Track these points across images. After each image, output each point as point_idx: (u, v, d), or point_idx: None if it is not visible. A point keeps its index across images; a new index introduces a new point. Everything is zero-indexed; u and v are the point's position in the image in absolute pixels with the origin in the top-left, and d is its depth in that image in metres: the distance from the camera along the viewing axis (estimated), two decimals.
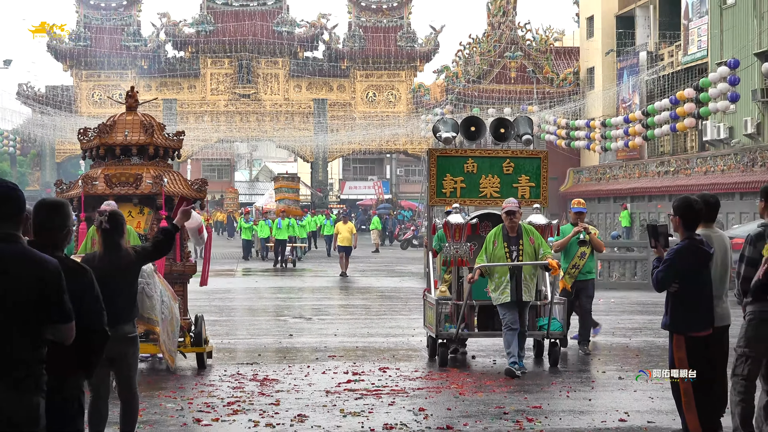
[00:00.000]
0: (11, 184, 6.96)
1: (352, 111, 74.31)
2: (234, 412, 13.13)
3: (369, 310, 27.82)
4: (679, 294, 10.58)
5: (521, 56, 73.82)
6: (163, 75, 72.76)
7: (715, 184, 46.32)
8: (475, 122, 18.60)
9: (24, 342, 6.70)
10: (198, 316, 16.16)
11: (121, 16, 73.37)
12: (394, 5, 74.78)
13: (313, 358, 18.14)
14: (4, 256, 6.65)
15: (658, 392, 14.40)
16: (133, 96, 16.58)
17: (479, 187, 17.40)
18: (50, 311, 6.74)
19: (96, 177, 15.81)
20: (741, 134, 48.20)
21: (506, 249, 15.44)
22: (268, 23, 73.24)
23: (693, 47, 56.51)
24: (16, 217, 6.78)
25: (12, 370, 6.63)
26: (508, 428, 12.14)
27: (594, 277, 18.38)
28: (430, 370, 16.55)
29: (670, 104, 42.26)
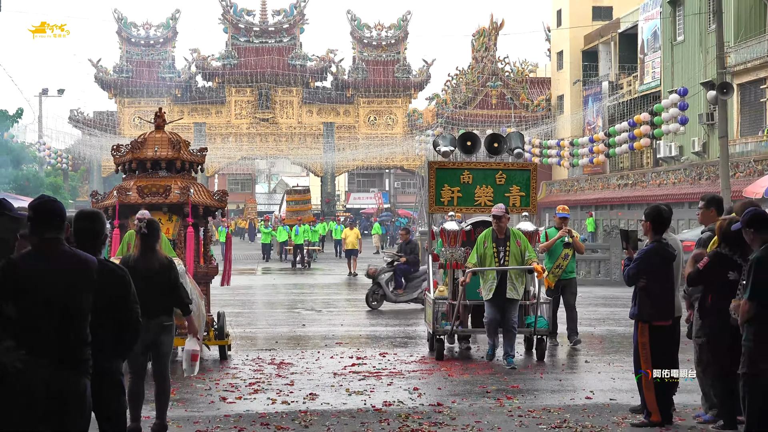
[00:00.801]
0: (53, 198, 7.04)
1: (356, 132, 74.28)
2: (255, 392, 13.13)
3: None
4: (646, 288, 10.69)
5: (501, 85, 73.85)
6: (194, 102, 72.73)
7: (667, 195, 46.28)
8: (471, 137, 18.24)
9: (79, 328, 6.73)
10: (220, 313, 15.95)
11: (158, 52, 73.30)
12: (392, 42, 74.72)
13: (322, 345, 18.14)
14: (61, 256, 6.70)
15: (619, 374, 14.38)
16: (161, 116, 16.52)
17: (474, 197, 17.02)
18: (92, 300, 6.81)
19: (129, 188, 15.73)
20: (689, 152, 48.22)
21: (494, 249, 15.11)
22: (284, 57, 73.22)
23: (648, 78, 56.51)
24: (59, 225, 6.83)
25: (70, 354, 6.67)
26: (490, 405, 12.12)
27: (575, 276, 17.96)
28: (423, 356, 16.53)
29: (628, 126, 42.19)
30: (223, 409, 12.06)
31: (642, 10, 57.48)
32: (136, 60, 72.80)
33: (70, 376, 6.70)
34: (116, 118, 72.58)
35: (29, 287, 6.60)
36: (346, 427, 10.80)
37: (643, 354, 10.78)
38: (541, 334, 15.82)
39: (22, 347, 6.56)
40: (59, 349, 6.65)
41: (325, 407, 12.04)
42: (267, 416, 11.42)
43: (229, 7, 73.58)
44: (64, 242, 6.87)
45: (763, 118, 44.25)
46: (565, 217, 17.80)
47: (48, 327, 6.62)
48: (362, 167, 78.20)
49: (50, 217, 6.82)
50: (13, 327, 6.58)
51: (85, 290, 6.76)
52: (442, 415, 11.42)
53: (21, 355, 6.53)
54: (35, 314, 6.60)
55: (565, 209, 18.12)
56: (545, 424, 10.88)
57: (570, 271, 17.60)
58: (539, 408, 11.83)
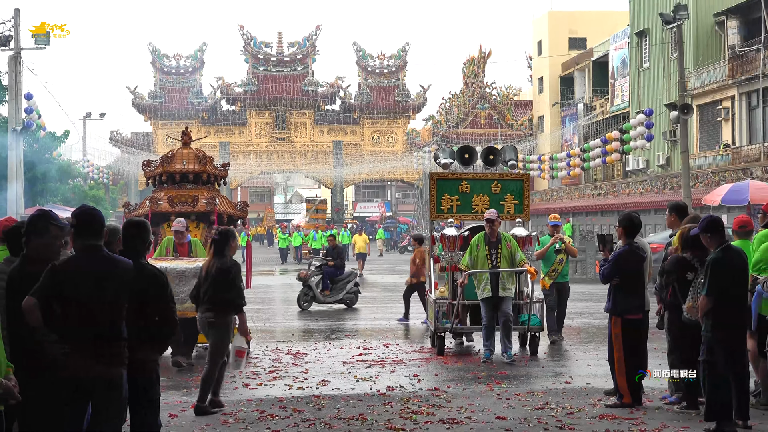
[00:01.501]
0: (93, 208, 7.05)
1: (362, 150, 74.28)
2: (273, 379, 13.11)
3: (375, 300, 27.73)
4: (619, 286, 10.75)
5: (489, 107, 73.88)
6: (219, 124, 72.76)
7: (636, 203, 46.23)
8: (469, 150, 17.67)
9: (115, 325, 6.73)
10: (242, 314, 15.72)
11: (187, 80, 73.35)
12: (393, 70, 74.75)
13: (333, 337, 18.12)
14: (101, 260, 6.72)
15: (594, 361, 14.34)
16: (188, 134, 16.53)
17: (472, 205, 16.46)
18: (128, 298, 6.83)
19: (160, 198, 15.65)
20: (655, 165, 48.20)
21: (487, 252, 14.63)
22: (298, 84, 73.26)
23: (618, 100, 56.54)
24: (99, 232, 6.85)
25: (108, 348, 6.66)
26: (481, 389, 12.09)
27: (569, 279, 17.23)
28: (422, 346, 16.49)
29: (601, 143, 42.11)
30: (246, 394, 12.04)
31: (612, 40, 57.57)
32: (168, 87, 72.87)
33: (108, 367, 6.69)
34: (151, 139, 72.65)
35: (72, 288, 6.59)
36: (354, 409, 10.77)
37: (616, 344, 10.82)
38: (535, 331, 15.32)
39: (65, 342, 6.55)
40: (98, 344, 6.64)
41: (335, 392, 12.02)
42: (284, 400, 11.40)
43: (249, 39, 73.68)
44: (103, 247, 6.87)
45: (719, 134, 44.31)
46: (556, 225, 17.28)
47: (88, 323, 6.61)
48: (367, 180, 78.23)
49: (91, 224, 6.81)
50: (57, 323, 6.58)
51: (121, 290, 6.75)
52: (439, 399, 11.40)
53: (64, 348, 6.53)
54: (77, 312, 6.59)
55: (557, 217, 17.65)
56: (530, 405, 10.86)
57: (565, 274, 17.01)
58: (524, 392, 11.81)
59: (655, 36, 48.98)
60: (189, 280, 13.17)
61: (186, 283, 13.25)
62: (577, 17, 69.90)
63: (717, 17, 44.75)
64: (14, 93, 35.20)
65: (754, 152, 39.77)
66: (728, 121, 43.48)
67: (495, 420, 10.06)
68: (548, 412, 10.48)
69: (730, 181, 35.31)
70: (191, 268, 13.38)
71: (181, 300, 12.93)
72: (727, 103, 43.42)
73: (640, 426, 9.73)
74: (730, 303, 9.38)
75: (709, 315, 9.40)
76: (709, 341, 9.43)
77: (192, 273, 13.21)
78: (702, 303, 9.40)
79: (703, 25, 45.40)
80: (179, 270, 13.50)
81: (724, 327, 9.38)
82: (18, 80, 35.14)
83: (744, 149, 40.91)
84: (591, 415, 10.31)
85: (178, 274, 13.42)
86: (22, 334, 6.62)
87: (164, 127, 71.38)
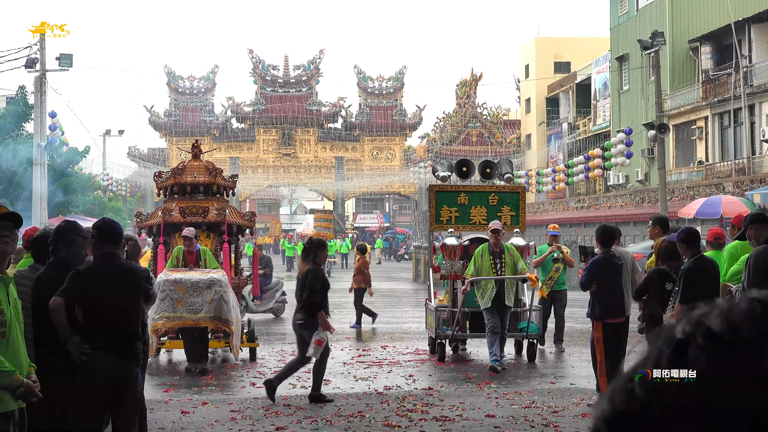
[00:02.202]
0: (113, 220, 7.11)
1: (362, 165, 74.30)
2: None
3: (374, 304, 27.68)
4: (598, 293, 10.72)
5: (480, 126, 73.88)
6: (229, 140, 72.74)
7: (616, 215, 46.22)
8: (467, 164, 17.25)
9: (132, 326, 6.77)
10: (250, 319, 15.38)
11: (200, 100, 73.33)
12: (391, 91, 74.77)
13: (334, 339, 18.05)
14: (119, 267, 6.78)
15: (577, 363, 14.33)
16: (198, 147, 16.25)
17: (470, 216, 15.96)
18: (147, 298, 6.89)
19: (172, 209, 15.25)
20: (634, 180, 48.23)
21: (492, 261, 13.98)
22: (303, 104, 73.28)
23: (600, 120, 56.57)
24: (117, 241, 6.90)
25: (130, 345, 6.70)
26: (472, 389, 12.08)
27: (566, 288, 16.51)
28: (417, 348, 16.45)
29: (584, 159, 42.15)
30: (253, 392, 12.02)
31: (594, 64, 57.63)
32: (183, 106, 72.88)
33: (127, 365, 6.71)
34: (166, 154, 72.61)
35: (92, 293, 6.63)
36: (354, 407, 10.76)
37: (597, 347, 10.79)
38: (532, 338, 14.75)
39: (87, 342, 6.57)
40: (117, 344, 6.67)
41: (336, 390, 12.00)
42: (288, 398, 11.38)
43: (258, 62, 73.73)
44: (120, 254, 6.91)
45: (693, 152, 44.38)
46: (555, 235, 16.68)
47: (107, 325, 6.64)
48: (367, 193, 78.31)
49: (110, 234, 6.87)
50: (79, 325, 6.60)
51: (136, 295, 6.79)
52: (433, 398, 11.38)
53: (86, 348, 6.55)
54: (97, 315, 6.63)
55: (556, 228, 17.14)
56: (517, 404, 10.84)
57: (561, 283, 16.33)
58: (512, 392, 11.79)
59: (634, 60, 49.05)
60: (202, 290, 13.02)
61: (200, 293, 12.99)
62: (562, 43, 70.02)
63: (691, 43, 44.85)
64: (39, 111, 35.24)
65: (726, 169, 39.85)
66: (702, 140, 43.54)
67: (485, 418, 10.04)
68: (534, 410, 10.46)
69: (704, 195, 35.35)
70: (205, 279, 13.15)
71: (195, 310, 12.86)
72: (701, 123, 43.50)
73: None
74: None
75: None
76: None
77: (205, 284, 13.07)
78: (676, 309, 9.37)
79: (678, 50, 45.51)
80: (193, 281, 13.14)
81: None
82: (43, 99, 35.17)
83: (717, 166, 41.00)
84: (574, 413, 10.29)
85: (192, 284, 13.09)
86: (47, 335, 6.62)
87: (179, 143, 71.31)
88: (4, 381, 5.16)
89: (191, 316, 12.87)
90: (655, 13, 47.11)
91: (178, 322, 12.95)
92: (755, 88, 38.32)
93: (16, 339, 5.43)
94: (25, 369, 5.44)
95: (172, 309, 12.90)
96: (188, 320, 12.94)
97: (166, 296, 12.75)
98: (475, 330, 14.93)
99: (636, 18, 49.24)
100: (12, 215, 5.58)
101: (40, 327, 6.67)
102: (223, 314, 12.87)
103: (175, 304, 12.89)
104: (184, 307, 12.91)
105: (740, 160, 39.15)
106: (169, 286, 12.87)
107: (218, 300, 12.92)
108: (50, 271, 6.82)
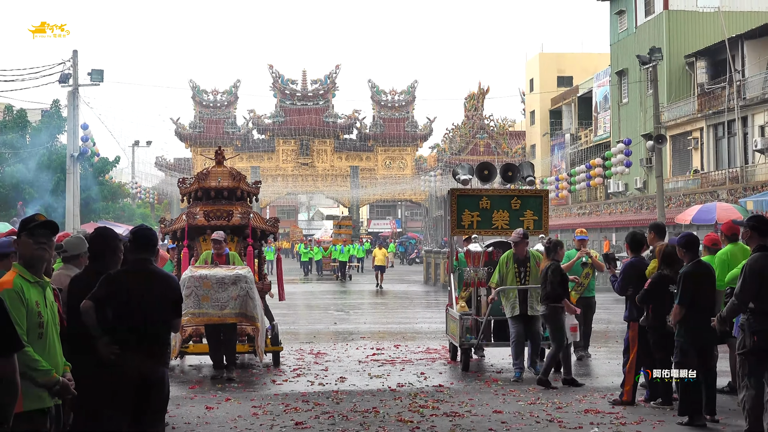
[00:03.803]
0: (149, 227, 7.09)
1: (375, 174, 74.38)
2: (297, 376, 13.08)
3: (387, 306, 27.72)
4: (633, 296, 10.44)
5: (487, 137, 73.89)
6: (251, 150, 72.87)
7: (616, 221, 46.19)
8: (488, 167, 15.96)
9: (161, 329, 6.76)
10: (274, 323, 14.40)
11: (223, 112, 73.52)
12: (403, 104, 74.86)
13: (350, 339, 18.07)
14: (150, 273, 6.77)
15: (580, 362, 14.23)
16: (221, 153, 15.53)
17: (492, 220, 14.60)
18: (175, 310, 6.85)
19: (196, 213, 14.51)
20: (633, 188, 48.10)
21: (516, 269, 13.03)
22: (320, 116, 73.42)
23: (601, 131, 56.45)
24: (152, 248, 6.89)
25: (161, 349, 6.70)
26: (480, 386, 12.06)
27: (594, 294, 15.14)
28: (428, 347, 16.41)
29: (585, 168, 42.06)
30: (273, 389, 12.02)
31: (595, 79, 57.54)
32: (207, 118, 73.07)
33: (155, 365, 6.70)
34: (191, 163, 72.78)
35: (123, 295, 6.62)
36: (368, 403, 10.74)
37: (632, 346, 10.61)
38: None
39: (116, 343, 6.57)
40: (146, 345, 6.66)
41: (352, 387, 11.99)
42: (307, 395, 11.38)
43: (277, 77, 73.89)
44: (152, 261, 6.91)
45: (689, 161, 44.25)
46: (583, 239, 15.05)
47: (137, 327, 6.63)
48: (380, 200, 78.39)
49: (145, 241, 6.88)
50: (110, 327, 6.60)
51: (166, 300, 6.78)
52: (443, 394, 11.36)
53: (114, 349, 6.55)
54: (127, 317, 6.62)
55: (584, 232, 15.38)
56: (523, 400, 10.82)
57: (591, 289, 14.97)
58: (518, 388, 11.76)
59: (633, 75, 48.97)
60: (228, 287, 12.46)
61: (225, 289, 12.45)
62: (564, 59, 69.95)
63: (687, 59, 44.76)
64: (72, 123, 35.37)
65: (720, 177, 39.74)
66: (697, 150, 43.43)
67: (492, 413, 10.03)
68: (539, 406, 10.44)
69: (700, 202, 35.27)
70: (230, 276, 12.53)
71: (221, 306, 12.47)
72: (697, 133, 43.39)
73: (621, 419, 9.69)
74: (700, 311, 9.32)
75: (681, 322, 9.35)
76: (682, 345, 9.40)
77: (231, 280, 12.55)
78: (675, 310, 9.35)
79: (675, 65, 45.42)
80: (218, 277, 12.55)
81: (694, 332, 9.35)
82: (75, 112, 35.31)
83: (711, 174, 40.89)
84: (577, 409, 10.26)
85: (218, 281, 12.49)
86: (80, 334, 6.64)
87: (203, 153, 71.34)
88: (41, 379, 5.20)
89: (217, 312, 12.42)
90: (653, 30, 47.03)
91: (204, 318, 12.45)
92: (748, 100, 38.24)
93: (53, 340, 5.46)
94: (60, 368, 5.47)
95: (198, 305, 12.34)
96: (214, 316, 12.41)
97: (191, 293, 12.25)
98: (498, 338, 13.90)
99: (635, 35, 49.15)
100: (49, 223, 5.61)
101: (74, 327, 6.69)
102: (248, 311, 12.45)
103: (200, 300, 12.32)
104: (210, 303, 12.31)
105: (734, 169, 39.05)
106: (194, 282, 12.35)
107: (243, 296, 12.44)
108: (89, 274, 6.85)
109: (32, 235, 5.51)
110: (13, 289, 5.24)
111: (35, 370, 5.13)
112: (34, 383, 5.14)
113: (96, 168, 42.71)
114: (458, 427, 9.36)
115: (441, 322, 18.26)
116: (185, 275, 12.56)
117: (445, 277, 34.16)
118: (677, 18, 46.07)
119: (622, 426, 9.37)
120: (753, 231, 8.57)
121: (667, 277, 9.90)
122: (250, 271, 13.03)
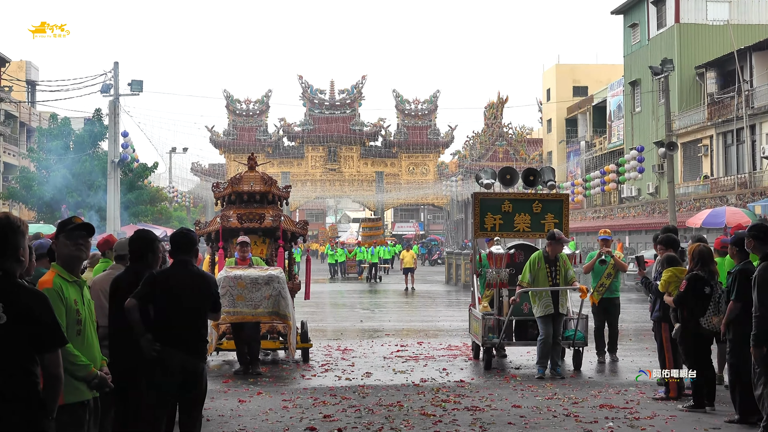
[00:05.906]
0: (190, 230, 7.13)
1: (399, 179, 74.35)
2: (325, 371, 13.05)
3: (410, 304, 27.65)
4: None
5: (505, 144, 73.66)
6: (281, 157, 73.04)
7: (629, 224, 45.96)
8: (510, 171, 15.71)
9: (200, 327, 6.78)
10: (303, 321, 14.37)
11: (255, 120, 73.69)
12: (426, 112, 74.78)
13: (375, 336, 18.03)
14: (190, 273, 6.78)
15: (595, 358, 14.11)
16: (254, 159, 15.55)
17: (514, 223, 14.39)
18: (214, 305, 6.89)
19: (230, 216, 14.53)
20: (645, 193, 47.86)
21: (547, 269, 12.70)
22: (347, 124, 73.47)
23: (614, 138, 56.21)
24: (192, 250, 6.93)
25: (195, 345, 6.72)
26: (500, 381, 11.99)
27: (618, 295, 14.50)
28: (450, 344, 16.33)
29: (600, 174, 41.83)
30: (302, 383, 12.00)
31: (609, 88, 57.30)
32: (240, 126, 73.28)
33: (196, 361, 6.72)
34: (225, 169, 72.97)
35: (165, 295, 6.65)
36: (393, 397, 10.70)
37: (666, 346, 10.46)
38: (578, 345, 13.18)
39: (158, 340, 6.58)
40: (187, 341, 6.68)
41: (377, 382, 11.95)
42: (334, 389, 11.35)
43: (307, 87, 74.02)
44: (192, 262, 6.93)
45: (699, 168, 44.00)
46: (606, 239, 14.50)
47: (178, 325, 6.66)
48: (404, 204, 78.34)
49: (186, 243, 6.92)
50: (152, 324, 6.62)
51: (205, 299, 6.80)
52: (464, 389, 11.30)
53: (156, 346, 6.56)
54: (169, 315, 6.65)
55: (607, 232, 14.77)
56: (541, 396, 10.74)
57: (614, 290, 14.35)
58: (536, 384, 11.67)
59: (646, 85, 48.71)
60: (261, 287, 12.45)
61: (258, 289, 12.44)
62: (580, 69, 69.66)
63: (698, 69, 44.51)
64: (113, 131, 35.54)
65: (730, 183, 39.47)
66: (707, 157, 43.17)
67: (511, 408, 9.95)
68: (556, 401, 10.36)
69: (709, 207, 35.02)
70: (264, 276, 12.48)
71: (254, 305, 12.49)
72: (707, 141, 43.14)
73: (635, 414, 9.59)
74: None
75: (734, 322, 8.87)
76: (734, 346, 8.97)
77: (264, 280, 12.57)
78: (730, 307, 8.86)
79: (686, 76, 45.18)
80: (252, 277, 12.55)
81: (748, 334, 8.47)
82: (116, 121, 35.47)
83: (721, 180, 40.61)
84: (592, 404, 10.17)
85: (252, 281, 12.50)
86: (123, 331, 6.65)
87: (236, 159, 71.51)
88: (80, 373, 5.19)
89: (251, 311, 12.48)
90: (664, 42, 46.77)
91: (238, 317, 12.50)
92: (756, 109, 37.99)
93: (90, 336, 5.47)
94: (98, 363, 5.47)
95: (233, 304, 12.39)
96: (247, 315, 12.45)
97: (226, 292, 12.30)
98: (520, 338, 13.70)
99: (647, 47, 48.90)
100: (85, 225, 5.62)
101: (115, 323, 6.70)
102: (281, 309, 12.46)
103: (235, 299, 12.44)
104: (244, 302, 12.39)
105: (742, 175, 38.78)
106: (229, 282, 12.41)
107: (276, 296, 12.47)
108: (130, 274, 6.88)
109: (70, 237, 5.52)
110: (53, 288, 5.25)
111: (75, 365, 5.12)
112: (74, 377, 5.13)
113: (135, 173, 42.89)
114: (479, 420, 9.29)
115: (462, 321, 18.22)
116: (221, 275, 12.59)
117: (466, 277, 34.05)
118: (688, 31, 45.82)
119: (636, 420, 9.26)
120: (756, 240, 8.36)
121: (700, 278, 9.63)
122: (282, 271, 13.04)
